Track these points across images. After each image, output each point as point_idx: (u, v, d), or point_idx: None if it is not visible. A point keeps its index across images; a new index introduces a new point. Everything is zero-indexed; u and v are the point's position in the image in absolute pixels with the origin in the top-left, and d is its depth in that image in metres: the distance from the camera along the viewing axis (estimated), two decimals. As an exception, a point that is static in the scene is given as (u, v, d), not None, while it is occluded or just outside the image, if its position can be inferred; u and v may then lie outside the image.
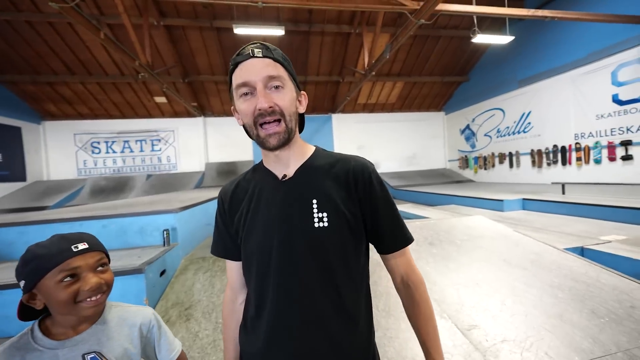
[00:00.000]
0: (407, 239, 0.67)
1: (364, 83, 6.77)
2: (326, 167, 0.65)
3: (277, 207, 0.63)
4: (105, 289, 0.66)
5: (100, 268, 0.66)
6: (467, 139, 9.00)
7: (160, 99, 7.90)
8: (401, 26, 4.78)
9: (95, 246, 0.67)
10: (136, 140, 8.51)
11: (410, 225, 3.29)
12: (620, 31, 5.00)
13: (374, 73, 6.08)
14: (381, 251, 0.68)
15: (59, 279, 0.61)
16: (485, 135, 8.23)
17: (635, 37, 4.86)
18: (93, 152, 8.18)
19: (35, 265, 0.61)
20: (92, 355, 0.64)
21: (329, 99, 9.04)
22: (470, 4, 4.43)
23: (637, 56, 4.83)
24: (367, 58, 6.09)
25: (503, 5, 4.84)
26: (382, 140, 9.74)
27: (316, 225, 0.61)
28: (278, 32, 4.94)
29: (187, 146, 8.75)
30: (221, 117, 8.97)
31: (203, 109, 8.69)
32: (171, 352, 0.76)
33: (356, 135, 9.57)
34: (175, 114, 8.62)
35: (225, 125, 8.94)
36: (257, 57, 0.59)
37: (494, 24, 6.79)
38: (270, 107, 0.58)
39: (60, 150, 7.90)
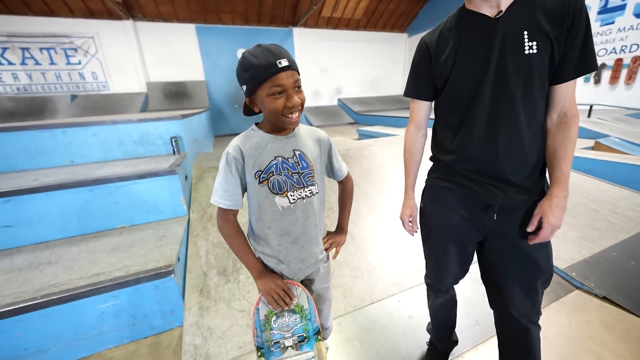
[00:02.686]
0: (595, 65, 0.72)
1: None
2: (539, 1, 0.73)
3: (490, 40, 0.74)
4: (301, 108, 0.76)
5: (296, 89, 0.73)
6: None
7: (66, -12, 5.92)
8: None
9: (294, 64, 0.73)
10: (41, 49, 6.57)
11: (382, 141, 3.70)
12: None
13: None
14: (562, 78, 0.74)
15: (270, 92, 0.71)
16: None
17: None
18: (-23, 62, 6.13)
19: (251, 75, 0.71)
20: (299, 152, 0.81)
21: (289, 7, 8.00)
22: None
23: None
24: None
25: None
26: (345, 63, 9.47)
27: (526, 52, 0.72)
28: None
29: (117, 60, 7.16)
30: (157, 21, 7.30)
31: (130, 9, 6.89)
32: (341, 170, 0.94)
33: (319, 56, 9.05)
34: (91, 14, 6.69)
35: (164, 35, 7.41)
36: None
37: None
38: None
39: None
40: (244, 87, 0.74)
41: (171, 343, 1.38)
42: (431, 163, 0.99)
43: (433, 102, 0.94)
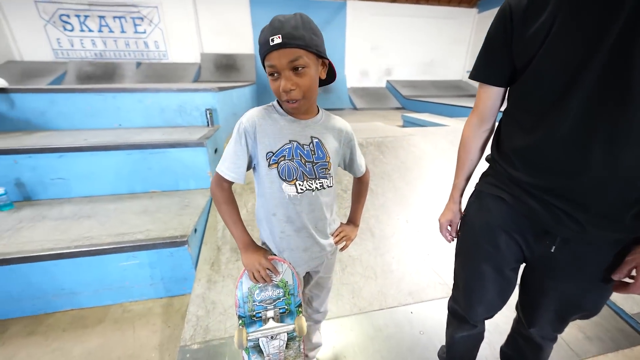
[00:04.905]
0: None
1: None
2: None
3: (614, 5, 0.50)
4: (298, 95, 0.65)
5: (294, 70, 0.63)
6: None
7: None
8: None
9: (291, 41, 0.61)
10: (114, 17, 7.21)
11: (426, 131, 3.31)
12: None
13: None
14: None
15: (267, 72, 0.66)
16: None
17: None
18: (65, 29, 6.97)
19: (259, 52, 0.66)
20: (317, 141, 0.74)
21: (346, -24, 7.48)
22: None
23: None
24: None
25: None
26: (399, 41, 8.71)
27: None
28: None
29: (176, 30, 7.56)
30: (214, -8, 7.44)
31: (191, -21, 7.10)
32: (361, 166, 0.87)
33: (371, 32, 8.45)
34: (157, -16, 7.06)
35: (220, 5, 7.55)
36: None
37: None
38: None
39: (24, 23, 6.67)
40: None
41: (181, 308, 1.46)
42: (487, 165, 0.81)
43: (507, 90, 0.72)
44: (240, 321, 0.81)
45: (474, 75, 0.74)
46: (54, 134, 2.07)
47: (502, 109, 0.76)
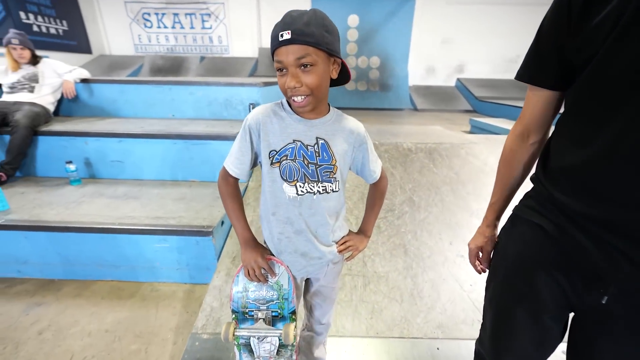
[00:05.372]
0: None
1: None
2: None
3: None
4: (303, 93, 0.66)
5: (302, 67, 0.65)
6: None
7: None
8: None
9: (300, 37, 0.62)
10: (186, 14, 8.23)
11: (493, 140, 2.95)
12: None
13: None
14: None
15: (275, 67, 0.68)
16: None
17: None
18: (145, 26, 8.23)
19: (271, 46, 0.69)
20: (323, 142, 0.75)
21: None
22: None
23: None
24: None
25: None
26: (476, 33, 8.03)
27: None
28: None
29: (238, 25, 8.27)
30: (278, -14, 7.92)
31: (257, -26, 7.69)
32: (374, 172, 0.85)
33: (443, 24, 7.98)
34: (225, -20, 7.83)
35: (282, 1, 8.00)
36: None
37: None
38: None
39: (115, 21, 8.09)
40: None
41: (200, 296, 1.60)
42: (531, 185, 0.71)
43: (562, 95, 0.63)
44: (234, 315, 0.85)
45: (520, 74, 0.66)
46: (119, 121, 2.47)
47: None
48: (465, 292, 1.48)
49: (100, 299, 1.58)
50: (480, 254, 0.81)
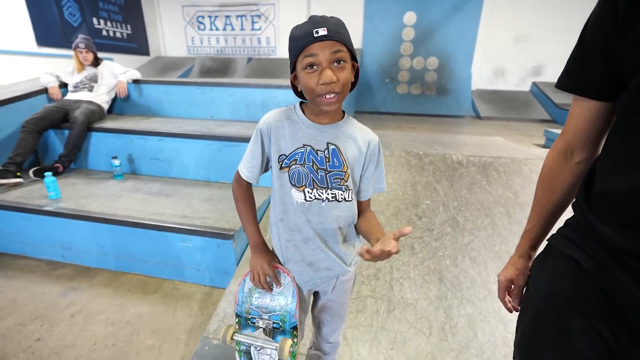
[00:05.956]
0: None
1: None
2: None
3: None
4: (337, 89, 0.70)
5: (336, 64, 0.69)
6: None
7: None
8: None
9: (336, 35, 0.68)
10: (237, 16, 8.96)
11: None
12: None
13: None
14: None
15: (304, 64, 0.70)
16: None
17: None
18: (199, 28, 9.14)
19: (291, 47, 0.74)
20: (334, 147, 0.79)
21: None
22: None
23: None
24: None
25: None
26: (559, 30, 7.33)
27: None
28: None
29: (287, 26, 8.66)
30: (331, -14, 8.21)
31: (309, -26, 8.08)
32: (367, 191, 0.87)
33: (518, 18, 7.48)
34: (277, -19, 8.37)
35: (334, 1, 8.27)
36: None
37: None
38: None
39: (171, 25, 9.14)
40: (290, 61, 0.78)
41: (218, 300, 1.70)
42: (571, 212, 0.65)
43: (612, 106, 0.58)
44: (237, 319, 0.91)
45: (561, 82, 0.62)
46: (162, 120, 2.78)
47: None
48: (509, 335, 1.36)
49: (127, 291, 1.77)
50: (512, 289, 0.76)
